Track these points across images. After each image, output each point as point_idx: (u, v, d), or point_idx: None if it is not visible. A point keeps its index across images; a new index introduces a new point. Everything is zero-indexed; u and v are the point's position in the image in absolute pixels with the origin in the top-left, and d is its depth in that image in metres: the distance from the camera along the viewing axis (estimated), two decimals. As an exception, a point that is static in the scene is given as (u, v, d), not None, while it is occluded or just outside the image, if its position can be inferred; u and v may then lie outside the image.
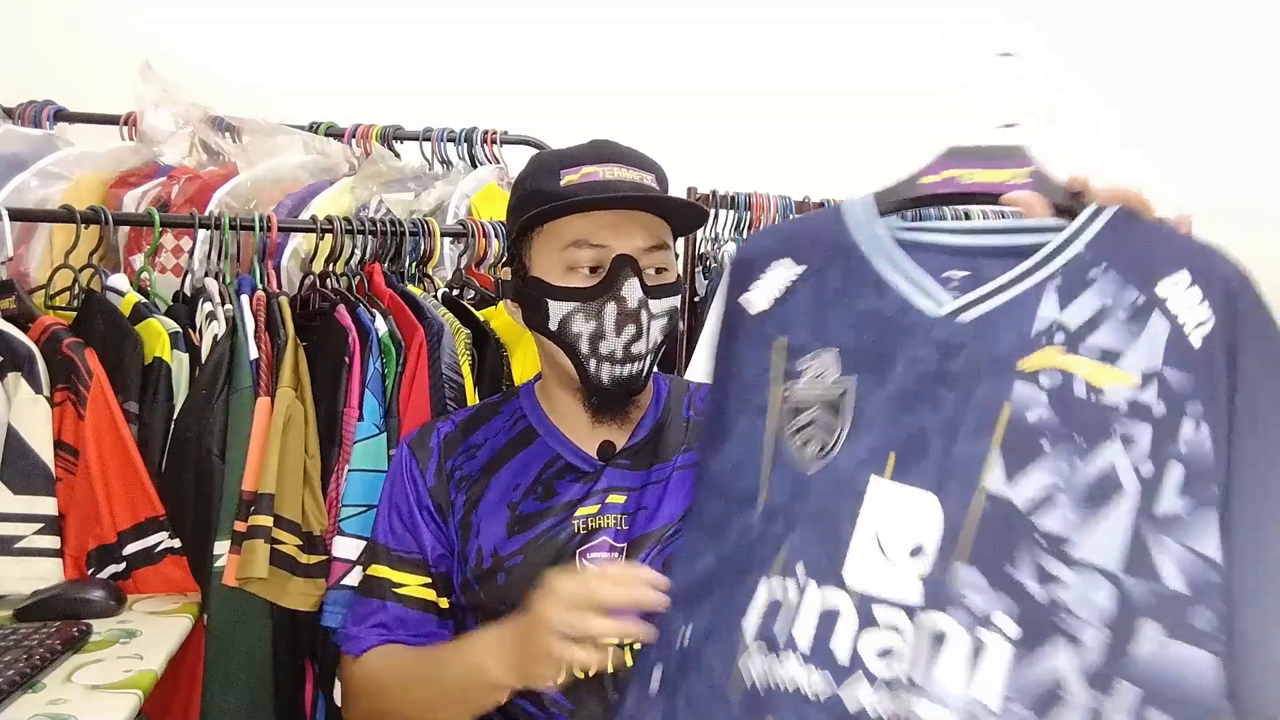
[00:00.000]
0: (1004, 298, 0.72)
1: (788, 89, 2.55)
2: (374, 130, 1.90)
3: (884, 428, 0.72)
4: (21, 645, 0.99)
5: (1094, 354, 0.68)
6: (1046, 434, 0.67)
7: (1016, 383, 0.68)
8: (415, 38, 2.35)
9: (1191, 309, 0.68)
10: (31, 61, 2.08)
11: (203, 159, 1.80)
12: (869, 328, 0.76)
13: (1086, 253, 0.72)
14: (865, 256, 0.79)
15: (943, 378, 0.71)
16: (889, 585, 0.67)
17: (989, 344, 0.71)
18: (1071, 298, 0.70)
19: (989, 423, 0.68)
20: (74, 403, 1.21)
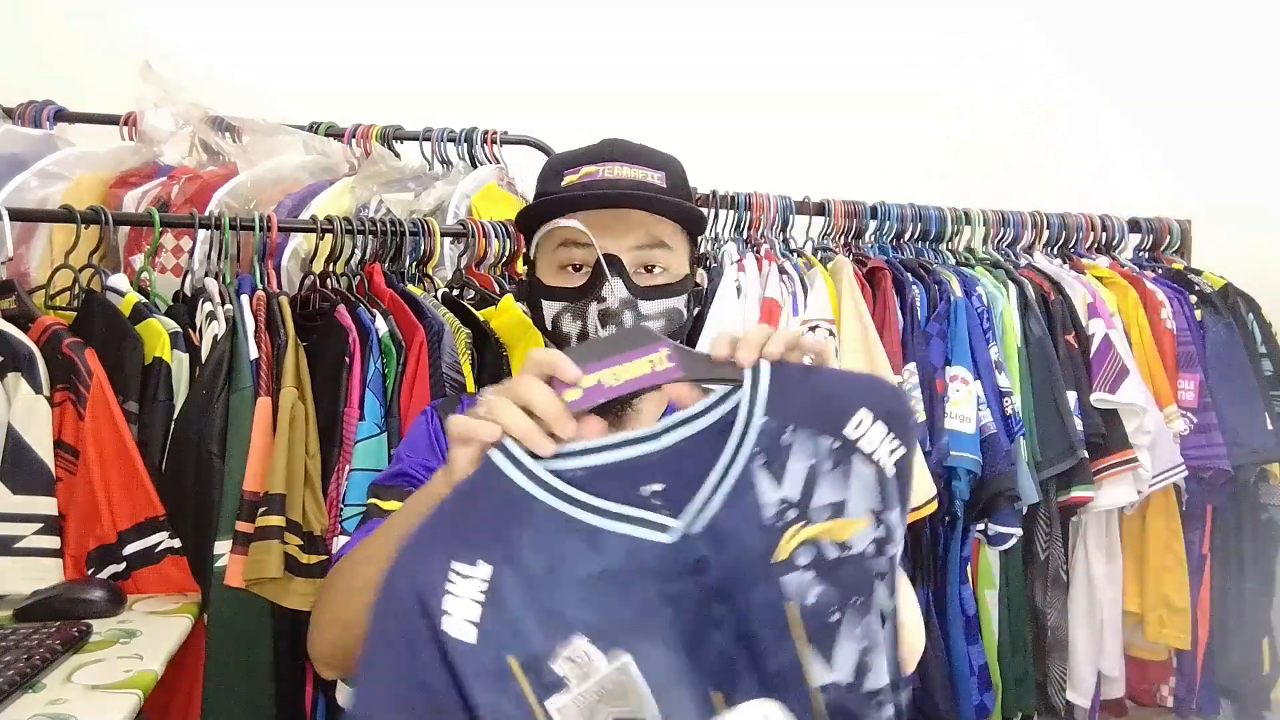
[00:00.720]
0: (722, 494, 0.68)
1: (787, 89, 2.55)
2: (374, 130, 1.90)
3: (690, 674, 0.67)
4: (21, 645, 0.99)
5: (825, 514, 0.69)
6: (831, 608, 0.69)
7: (781, 579, 0.68)
8: (415, 38, 2.35)
9: (881, 442, 0.72)
10: (31, 61, 2.08)
11: (203, 159, 1.80)
12: (607, 592, 0.66)
13: (770, 420, 0.70)
14: (555, 511, 0.67)
15: (709, 596, 0.68)
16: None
17: (734, 548, 0.68)
18: (781, 470, 0.70)
19: (783, 626, 0.68)
20: (74, 403, 1.21)
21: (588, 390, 0.69)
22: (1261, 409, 1.98)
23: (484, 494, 0.68)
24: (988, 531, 1.80)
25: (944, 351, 1.78)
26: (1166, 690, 2.08)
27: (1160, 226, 2.22)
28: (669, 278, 1.00)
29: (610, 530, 0.67)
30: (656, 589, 0.67)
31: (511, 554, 0.66)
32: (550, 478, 0.67)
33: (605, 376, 0.70)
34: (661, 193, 1.00)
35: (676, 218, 1.01)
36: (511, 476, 0.67)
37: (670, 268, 1.00)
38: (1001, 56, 2.70)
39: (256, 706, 1.27)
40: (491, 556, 0.65)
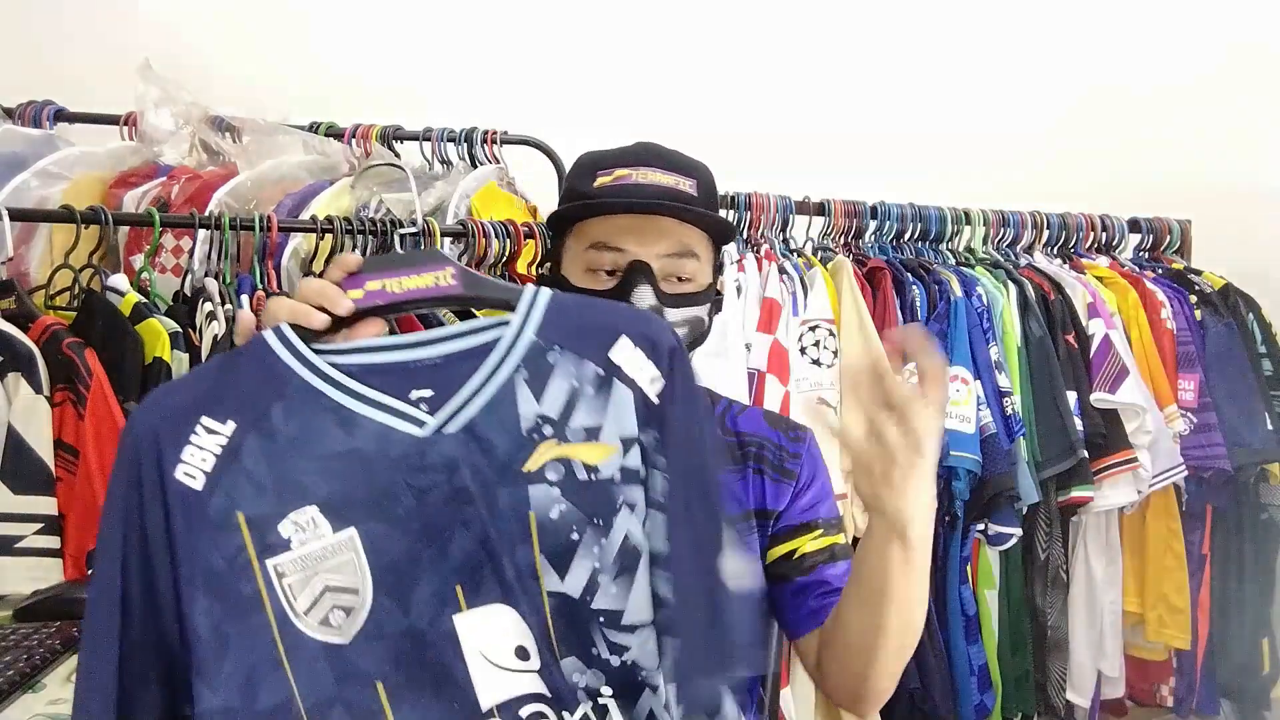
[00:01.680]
0: (481, 400, 0.72)
1: (787, 88, 2.55)
2: (374, 130, 1.90)
3: (433, 565, 0.71)
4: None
5: (580, 436, 0.73)
6: (572, 526, 0.72)
7: (530, 487, 0.72)
8: (415, 37, 2.35)
9: (643, 369, 0.75)
10: (31, 61, 2.08)
11: (203, 159, 1.80)
12: (348, 471, 0.70)
13: (539, 339, 0.74)
14: (316, 391, 0.70)
15: (458, 495, 0.71)
16: (519, 687, 0.72)
17: (489, 452, 0.72)
18: (542, 387, 0.73)
19: (525, 532, 0.72)
20: (74, 403, 1.21)
21: (370, 293, 0.74)
22: (1261, 409, 1.98)
23: (248, 365, 0.71)
24: (988, 531, 1.80)
25: (944, 351, 1.78)
26: (1166, 690, 2.08)
27: (1160, 226, 2.22)
28: (695, 286, 1.00)
29: (365, 415, 0.70)
30: (401, 478, 0.70)
31: (261, 420, 0.69)
32: (319, 361, 0.71)
33: (390, 284, 0.74)
34: (693, 201, 0.99)
35: (707, 228, 1.01)
36: (278, 353, 0.71)
37: (696, 277, 1.00)
38: (1003, 56, 2.70)
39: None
40: (241, 419, 0.69)
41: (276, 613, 0.68)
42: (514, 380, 0.73)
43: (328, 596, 0.69)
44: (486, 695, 0.71)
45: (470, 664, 0.71)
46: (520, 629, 0.72)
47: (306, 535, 0.68)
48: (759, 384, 1.65)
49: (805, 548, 1.03)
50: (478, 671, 0.71)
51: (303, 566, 0.68)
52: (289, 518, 0.68)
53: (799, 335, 1.70)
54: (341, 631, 0.69)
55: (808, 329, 1.70)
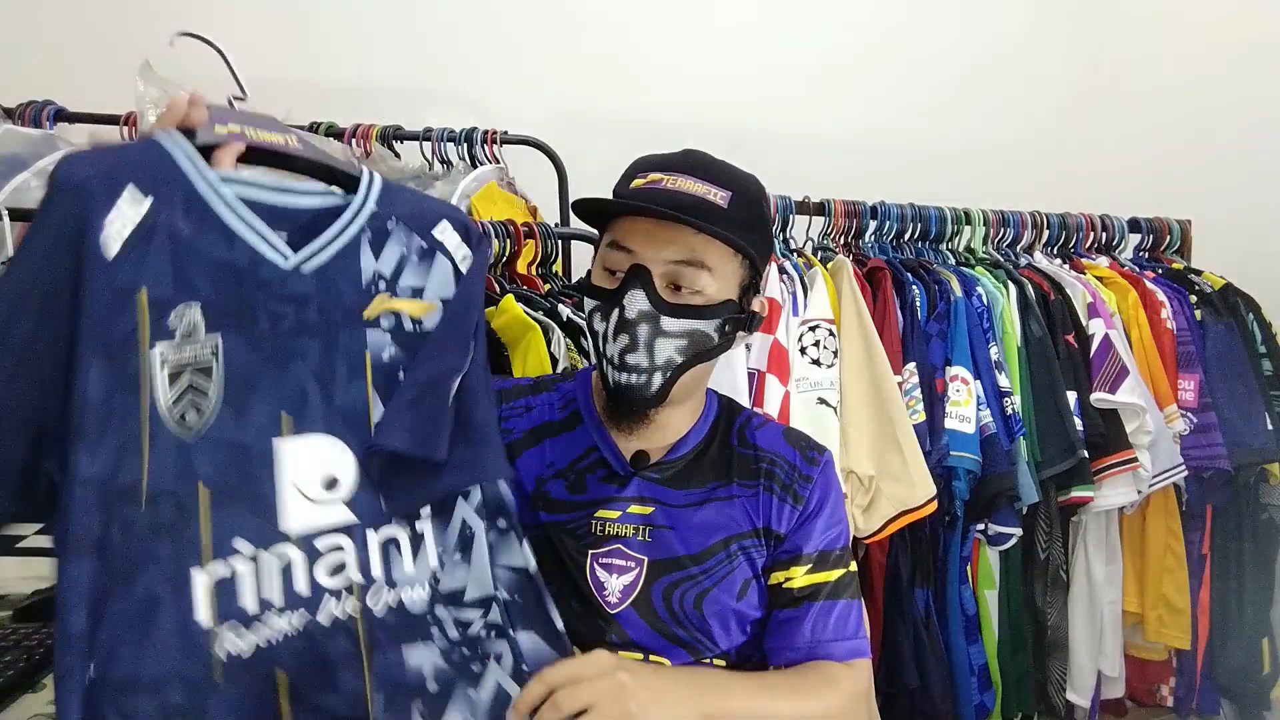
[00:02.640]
0: (333, 250, 0.84)
1: (788, 88, 2.55)
2: (374, 130, 1.90)
3: (269, 388, 0.78)
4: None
5: (407, 293, 0.88)
6: (399, 366, 0.86)
7: (367, 331, 0.84)
8: (415, 38, 2.35)
9: (459, 247, 0.92)
10: (31, 61, 2.08)
11: (203, 159, 1.80)
12: (225, 281, 0.77)
13: (379, 210, 0.87)
14: (206, 202, 0.77)
15: (303, 329, 0.80)
16: (321, 519, 0.79)
17: (335, 296, 0.83)
18: (380, 249, 0.87)
19: (359, 370, 0.83)
20: (74, 403, 1.21)
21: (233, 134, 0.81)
22: (1261, 409, 1.98)
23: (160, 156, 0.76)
24: (988, 531, 1.80)
25: (944, 351, 1.78)
26: (1166, 690, 2.08)
27: (1160, 226, 2.22)
28: (702, 299, 0.96)
29: (241, 236, 0.78)
30: (262, 299, 0.78)
31: (170, 207, 0.74)
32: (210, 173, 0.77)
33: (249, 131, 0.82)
34: (718, 212, 0.95)
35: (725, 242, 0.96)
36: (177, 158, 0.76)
37: (706, 289, 0.96)
38: (1003, 56, 2.70)
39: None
40: (157, 198, 0.74)
41: (150, 397, 0.71)
42: (359, 238, 0.85)
43: (188, 394, 0.74)
44: (287, 520, 0.77)
45: (279, 488, 0.77)
46: (338, 457, 0.80)
47: (187, 329, 0.74)
48: (759, 384, 1.65)
49: (794, 580, 1.03)
50: (285, 497, 0.77)
51: (177, 358, 0.73)
52: (178, 309, 0.73)
53: (799, 335, 1.70)
54: (190, 430, 0.73)
55: (808, 329, 1.70)
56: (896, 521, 1.64)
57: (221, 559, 0.73)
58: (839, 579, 1.04)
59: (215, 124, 0.80)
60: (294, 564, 0.76)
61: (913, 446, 1.65)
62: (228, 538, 0.73)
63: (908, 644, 1.73)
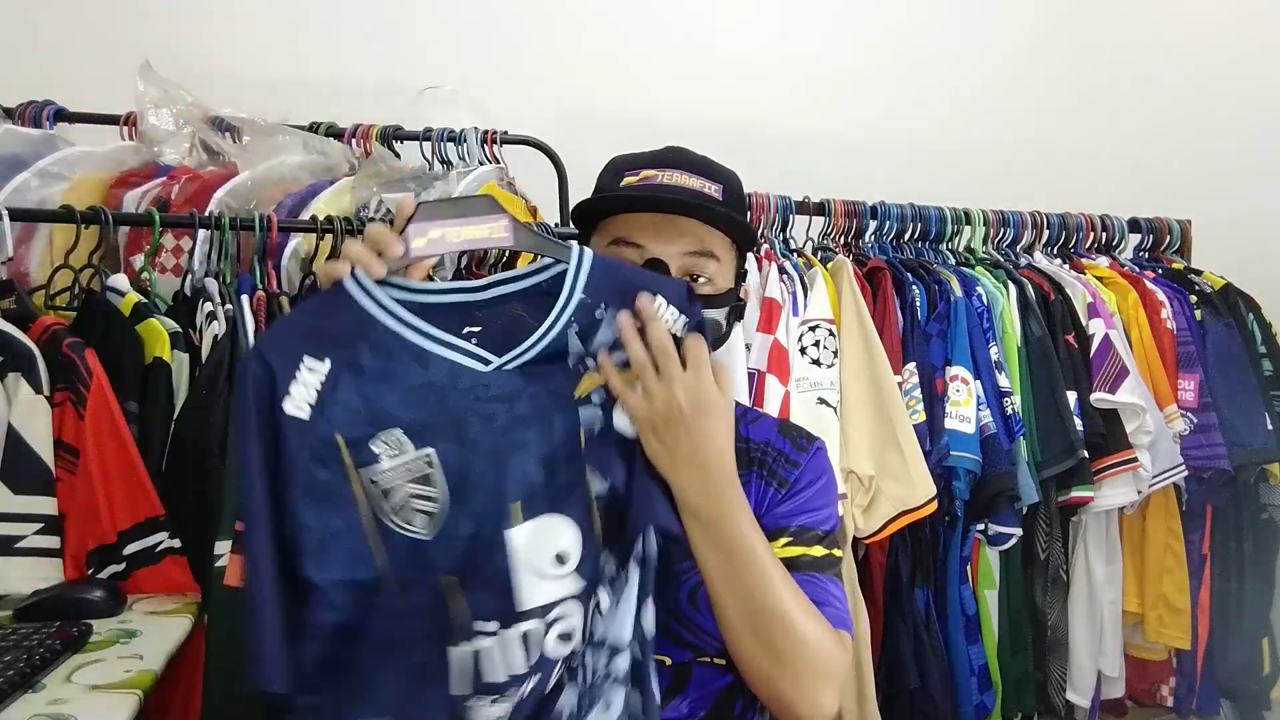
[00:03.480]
0: (541, 345, 0.85)
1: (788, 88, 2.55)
2: (374, 130, 1.90)
3: (495, 483, 0.82)
4: (21, 645, 0.99)
5: (620, 363, 0.87)
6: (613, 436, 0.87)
7: (580, 410, 0.86)
8: (415, 38, 2.35)
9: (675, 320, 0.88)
10: (31, 61, 2.08)
11: (203, 159, 1.80)
12: (427, 399, 0.82)
13: (586, 297, 0.87)
14: (393, 331, 0.83)
15: (517, 423, 0.83)
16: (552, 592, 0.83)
17: (545, 384, 0.85)
18: (590, 335, 0.87)
19: (575, 448, 0.85)
20: (74, 403, 1.21)
21: (432, 241, 0.84)
22: (1261, 409, 1.98)
23: (334, 309, 0.83)
24: (988, 531, 1.80)
25: (944, 351, 1.78)
26: (1166, 690, 2.08)
27: (1160, 226, 2.22)
28: (713, 289, 1.00)
29: (436, 353, 0.83)
30: (470, 405, 0.82)
31: (353, 358, 0.81)
32: (390, 303, 0.83)
33: (450, 234, 0.85)
34: (716, 204, 1.00)
35: (727, 231, 1.01)
36: (357, 298, 0.82)
37: (715, 279, 1.00)
38: (1003, 56, 2.70)
39: (256, 707, 1.27)
40: (336, 357, 0.81)
41: (370, 512, 0.80)
42: (566, 331, 0.86)
43: (412, 502, 0.81)
44: (524, 597, 0.82)
45: (514, 571, 0.82)
46: (565, 532, 0.83)
47: (394, 451, 0.81)
48: (759, 384, 1.65)
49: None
50: (519, 578, 0.82)
51: (391, 476, 0.81)
52: (379, 437, 0.81)
53: (799, 335, 1.70)
54: (424, 530, 0.81)
55: (808, 329, 1.70)
56: (896, 521, 1.64)
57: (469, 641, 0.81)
58: (821, 557, 1.01)
59: (414, 238, 0.83)
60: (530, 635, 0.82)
61: (913, 446, 1.65)
62: (476, 614, 0.81)
63: (908, 644, 1.73)
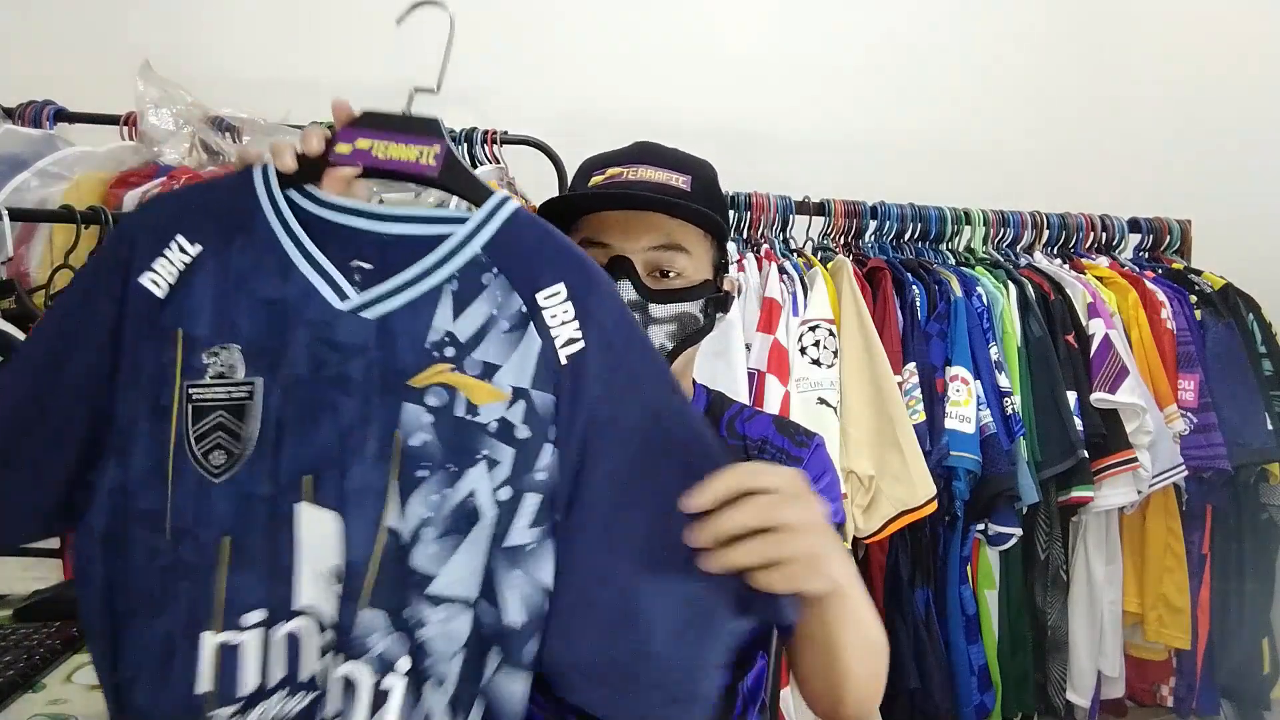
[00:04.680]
0: (404, 298, 0.69)
1: (789, 88, 2.55)
2: (374, 130, 1.89)
3: (298, 443, 0.68)
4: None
5: (476, 369, 0.68)
6: (427, 461, 0.67)
7: (406, 404, 0.67)
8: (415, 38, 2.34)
9: (564, 325, 0.69)
10: (31, 61, 2.08)
11: (203, 159, 1.80)
12: (271, 318, 0.70)
13: (483, 254, 0.70)
14: (273, 234, 0.72)
15: (343, 383, 0.68)
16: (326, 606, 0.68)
17: (388, 352, 0.68)
18: (464, 305, 0.69)
19: (387, 449, 0.67)
20: (74, 403, 1.21)
21: (357, 152, 0.75)
22: (1261, 409, 1.98)
23: (227, 194, 0.73)
24: (988, 531, 1.80)
25: (944, 351, 1.78)
26: (1166, 690, 2.08)
27: (1160, 226, 2.22)
28: (684, 281, 0.98)
29: (299, 269, 0.70)
30: (307, 340, 0.69)
31: (222, 248, 0.71)
32: (282, 202, 0.72)
33: (378, 148, 0.75)
34: (684, 196, 0.97)
35: (695, 222, 0.98)
36: (256, 188, 0.73)
37: (686, 271, 0.98)
38: (1003, 56, 2.70)
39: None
40: (207, 243, 0.72)
41: (178, 430, 0.69)
42: (442, 289, 0.70)
43: (216, 434, 0.69)
44: (302, 590, 0.67)
45: (296, 558, 0.67)
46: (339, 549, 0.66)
47: (221, 367, 0.70)
48: (759, 384, 1.65)
49: None
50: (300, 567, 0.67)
51: (209, 395, 0.70)
52: (212, 348, 0.70)
53: (799, 335, 1.70)
54: (216, 472, 0.69)
55: (808, 329, 1.70)
56: (896, 521, 1.64)
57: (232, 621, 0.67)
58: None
59: (341, 141, 0.75)
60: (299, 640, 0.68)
61: (913, 446, 1.65)
62: (242, 600, 0.68)
63: (908, 644, 1.73)
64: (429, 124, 0.77)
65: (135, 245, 0.71)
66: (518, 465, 0.67)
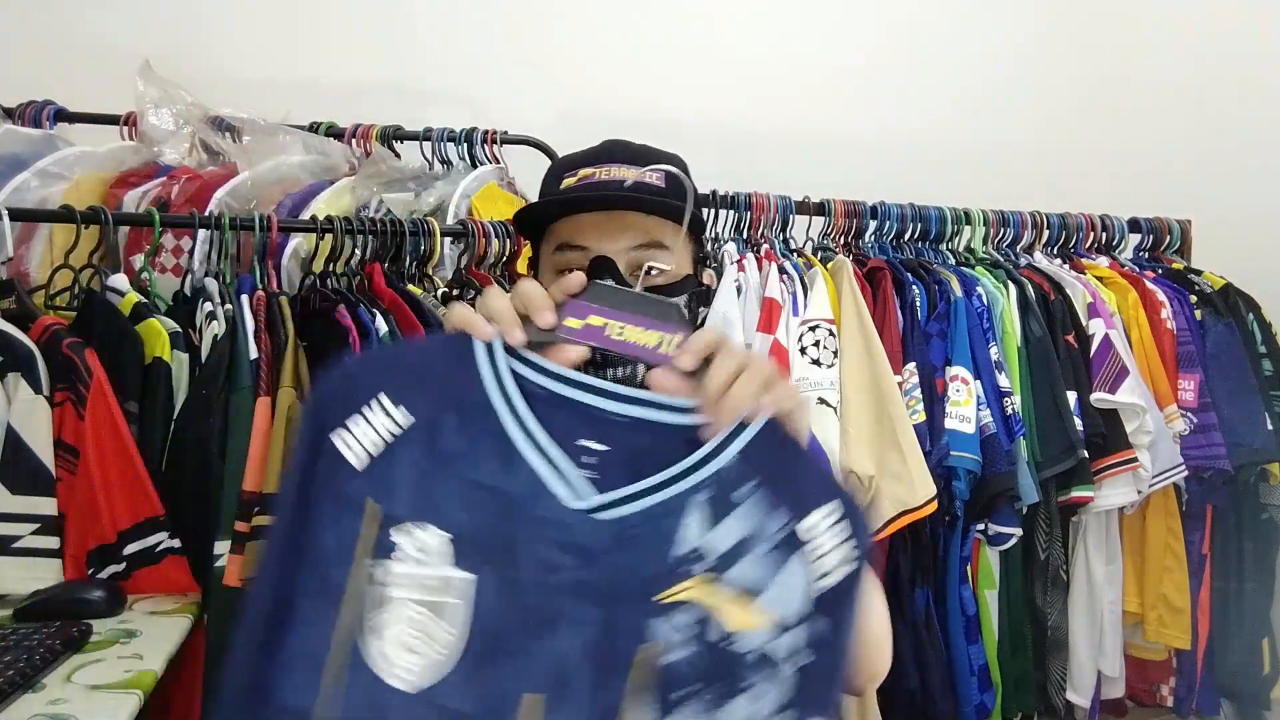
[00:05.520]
0: (648, 502, 0.63)
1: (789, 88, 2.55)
2: (374, 130, 1.90)
3: (521, 660, 0.61)
4: (21, 645, 0.99)
5: (734, 589, 0.62)
6: (683, 685, 0.61)
7: (654, 620, 0.61)
8: (415, 38, 2.34)
9: (835, 550, 0.64)
10: (31, 61, 2.08)
11: (203, 159, 1.80)
12: (490, 510, 0.62)
13: (739, 463, 0.64)
14: (494, 412, 0.64)
15: (582, 592, 0.61)
16: None
17: (631, 560, 0.62)
18: (719, 519, 0.63)
19: (625, 666, 0.61)
20: (74, 403, 1.21)
21: (589, 329, 0.68)
22: (1261, 409, 1.98)
23: (444, 360, 0.66)
24: (988, 531, 1.80)
25: (944, 351, 1.78)
26: (1166, 690, 2.08)
27: (1160, 226, 2.22)
28: (667, 278, 0.97)
29: (525, 458, 0.63)
30: (535, 539, 0.62)
31: (434, 424, 0.64)
32: (508, 378, 0.65)
33: (612, 328, 0.68)
34: (658, 193, 0.97)
35: (670, 217, 0.98)
36: (478, 361, 0.66)
37: (668, 268, 0.97)
38: (1003, 56, 2.70)
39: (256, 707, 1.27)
40: (418, 412, 0.64)
41: (352, 621, 0.61)
42: (691, 497, 0.63)
43: (407, 631, 0.60)
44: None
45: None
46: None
47: (420, 555, 0.62)
48: (759, 384, 1.65)
49: None
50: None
51: (400, 583, 0.61)
52: (409, 529, 0.62)
53: (799, 335, 1.70)
54: (404, 677, 0.60)
55: (808, 329, 1.70)
56: (896, 521, 1.64)
57: None
58: None
59: (568, 316, 0.68)
60: None
61: (913, 446, 1.65)
62: None
63: (908, 644, 1.73)
64: (670, 309, 0.70)
65: (333, 398, 0.66)
66: (781, 699, 0.62)
